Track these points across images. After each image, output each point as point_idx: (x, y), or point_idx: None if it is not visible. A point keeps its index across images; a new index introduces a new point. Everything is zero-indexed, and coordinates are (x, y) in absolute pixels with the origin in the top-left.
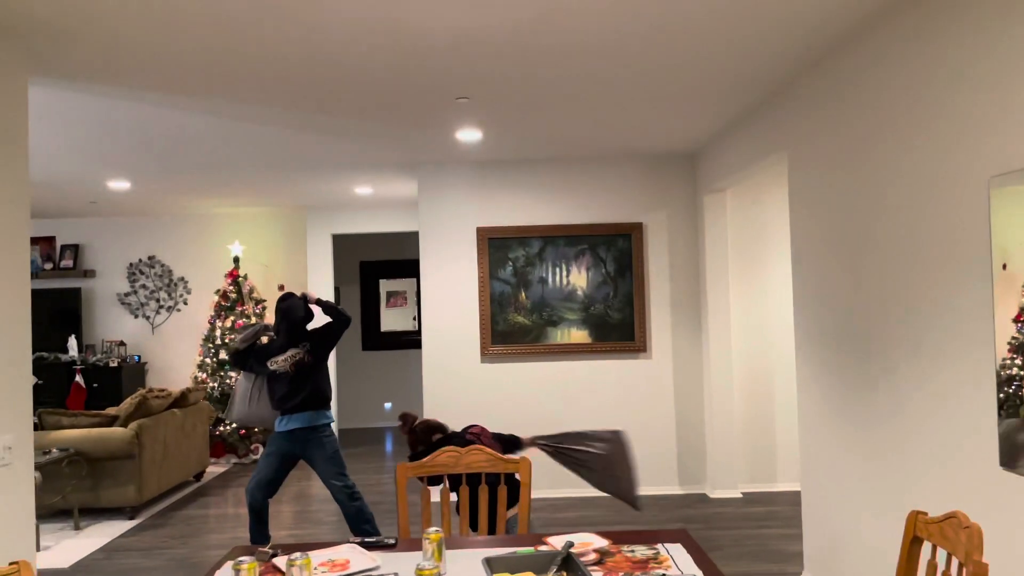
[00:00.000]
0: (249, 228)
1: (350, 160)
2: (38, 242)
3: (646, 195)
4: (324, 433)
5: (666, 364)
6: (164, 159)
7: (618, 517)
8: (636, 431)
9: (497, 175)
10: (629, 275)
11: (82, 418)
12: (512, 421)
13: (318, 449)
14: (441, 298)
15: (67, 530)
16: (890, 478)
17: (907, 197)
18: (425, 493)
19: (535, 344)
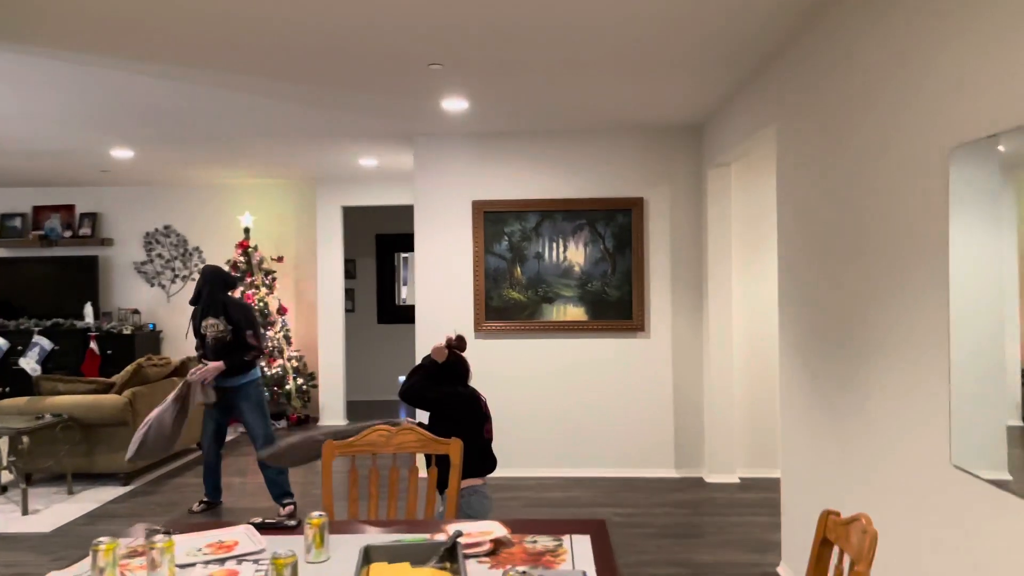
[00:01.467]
0: (260, 199)
1: (345, 131)
2: (59, 210)
3: (648, 169)
4: (251, 387)
5: (665, 344)
6: (162, 129)
7: (608, 498)
8: (633, 412)
9: (494, 147)
10: (628, 252)
11: (79, 384)
12: (505, 398)
13: (243, 400)
14: (435, 272)
15: (61, 494)
16: (855, 471)
17: (875, 177)
18: (353, 473)
19: (530, 321)
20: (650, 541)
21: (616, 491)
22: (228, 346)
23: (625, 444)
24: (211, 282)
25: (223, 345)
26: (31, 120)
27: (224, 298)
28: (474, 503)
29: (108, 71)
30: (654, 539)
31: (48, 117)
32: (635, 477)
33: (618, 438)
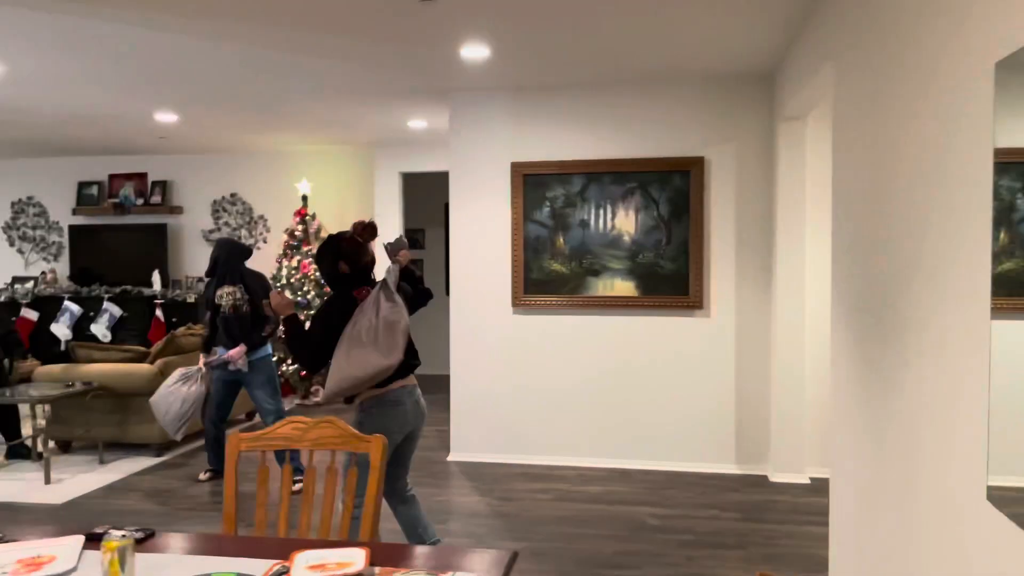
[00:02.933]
0: (319, 166)
1: (380, 88)
2: (132, 178)
3: (710, 124)
4: (262, 361)
5: (727, 323)
6: (199, 91)
7: (650, 495)
8: (688, 399)
9: (534, 104)
10: (686, 219)
11: (114, 353)
12: (545, 380)
13: (254, 374)
14: (470, 242)
15: (93, 464)
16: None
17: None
18: (263, 471)
19: (573, 295)
20: (681, 550)
21: (662, 487)
22: (244, 317)
23: (679, 435)
24: (227, 251)
25: (240, 315)
26: (71, 85)
27: (241, 267)
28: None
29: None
30: (686, 548)
31: (87, 81)
32: (688, 472)
33: (671, 428)
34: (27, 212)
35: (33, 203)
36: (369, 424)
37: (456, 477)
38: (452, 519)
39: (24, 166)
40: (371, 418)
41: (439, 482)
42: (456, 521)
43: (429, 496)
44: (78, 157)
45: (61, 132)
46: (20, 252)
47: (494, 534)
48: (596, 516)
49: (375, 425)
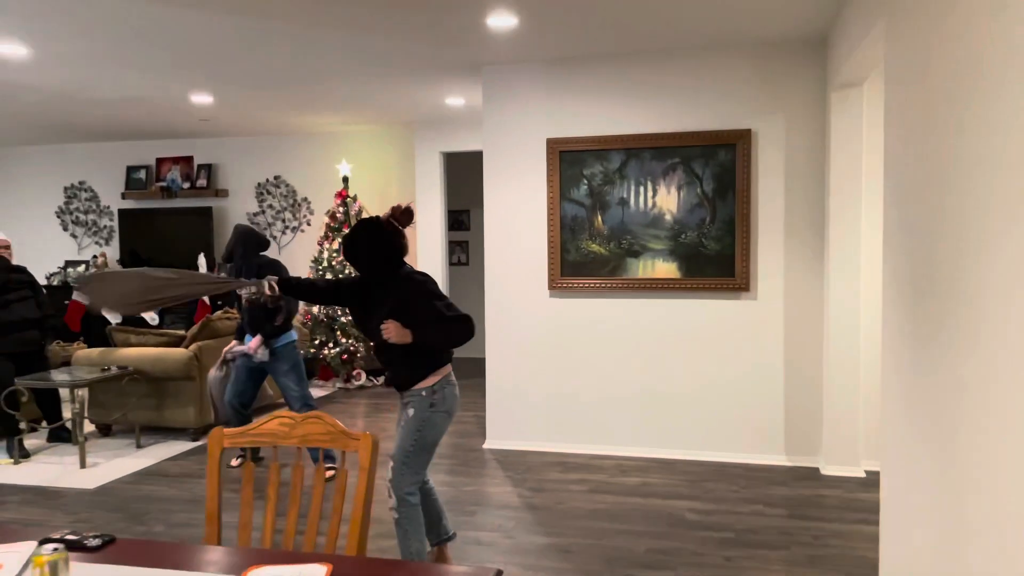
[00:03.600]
0: (361, 147)
1: (411, 62)
2: (179, 161)
3: (757, 95)
4: (287, 348)
5: (775, 307)
6: (229, 71)
7: (691, 488)
8: (734, 386)
9: (570, 76)
10: (731, 196)
11: (150, 337)
12: (583, 365)
13: (278, 362)
14: (505, 223)
15: (130, 448)
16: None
17: None
18: (248, 469)
19: (612, 277)
20: (719, 550)
21: (705, 479)
22: (262, 308)
23: (723, 423)
24: (244, 243)
25: (258, 307)
26: (98, 67)
27: (258, 259)
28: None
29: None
30: (725, 547)
31: (114, 63)
32: (733, 463)
33: (715, 416)
34: (79, 197)
35: (85, 188)
36: (442, 404)
37: (490, 465)
38: (481, 510)
39: (76, 151)
40: (444, 399)
41: (472, 470)
42: (484, 513)
43: (460, 485)
44: (127, 141)
45: (107, 116)
46: (73, 236)
47: (522, 527)
48: (631, 510)
49: (449, 404)
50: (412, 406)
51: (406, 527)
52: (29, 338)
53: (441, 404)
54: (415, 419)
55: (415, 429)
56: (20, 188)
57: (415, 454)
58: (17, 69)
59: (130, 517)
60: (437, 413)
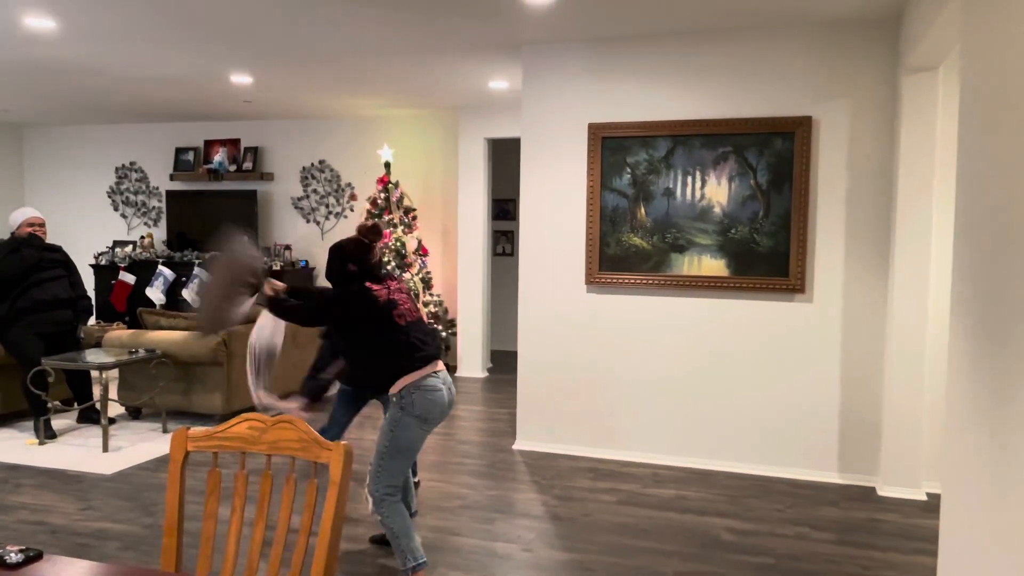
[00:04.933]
0: (403, 132)
1: (448, 41)
2: (226, 143)
3: (819, 78)
4: None
5: (833, 310)
6: (268, 47)
7: (730, 505)
8: (784, 394)
9: (615, 56)
10: (788, 189)
11: (180, 320)
12: (619, 365)
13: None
14: (542, 212)
15: (156, 432)
16: None
17: None
18: (214, 476)
19: (654, 273)
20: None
21: (746, 495)
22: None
23: (771, 434)
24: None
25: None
26: (130, 42)
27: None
28: (416, 401)
29: None
30: (762, 573)
31: (144, 38)
32: (779, 478)
33: (762, 426)
34: (129, 177)
35: (135, 168)
36: (411, 410)
37: (517, 469)
38: (501, 519)
39: (127, 132)
40: (412, 404)
41: (498, 473)
42: (504, 521)
43: (483, 489)
44: (175, 123)
45: (152, 96)
46: (123, 216)
47: (542, 540)
48: (663, 526)
49: (419, 409)
50: (388, 409)
51: (391, 526)
52: (61, 318)
53: (411, 409)
54: (388, 421)
55: (388, 431)
56: (73, 167)
57: (389, 457)
58: (49, 44)
59: (140, 507)
60: (407, 416)
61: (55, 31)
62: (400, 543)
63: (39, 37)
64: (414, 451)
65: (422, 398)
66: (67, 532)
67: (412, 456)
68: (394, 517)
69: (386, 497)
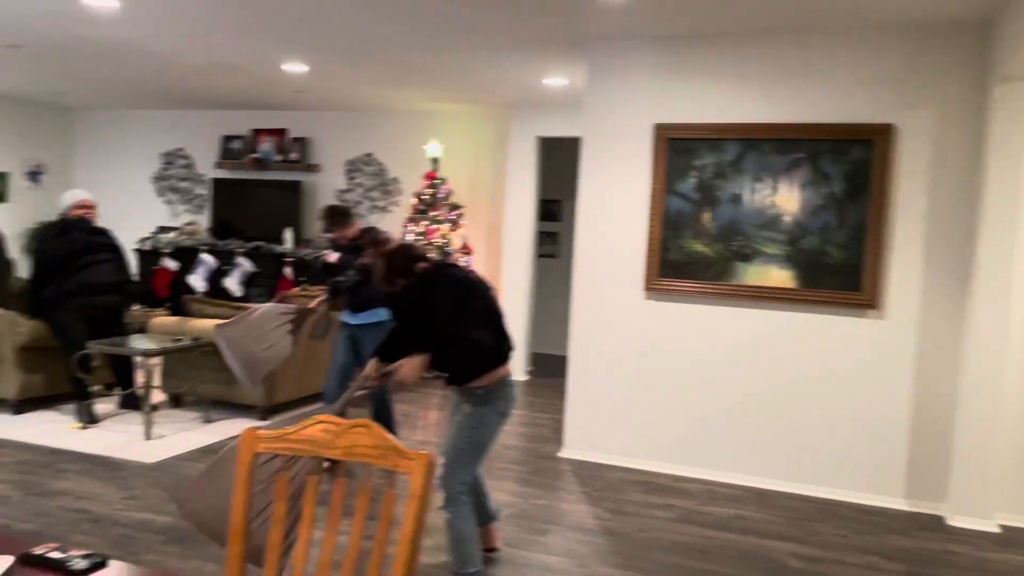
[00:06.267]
0: (452, 128)
1: (508, 36)
2: (273, 133)
3: (902, 84)
4: (379, 328)
5: (906, 329)
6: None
7: (792, 528)
8: (850, 414)
9: (685, 55)
10: (864, 199)
11: (225, 309)
12: (676, 376)
13: (367, 345)
14: (601, 214)
15: (198, 422)
16: None
17: None
18: (282, 482)
19: (717, 282)
20: None
21: (808, 519)
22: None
23: (834, 455)
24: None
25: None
26: (190, 26)
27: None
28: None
29: None
30: None
31: (206, 23)
32: (842, 502)
33: (825, 445)
34: (176, 164)
35: (182, 155)
36: (496, 405)
37: (565, 478)
38: (552, 531)
39: (175, 118)
40: (498, 399)
41: (545, 481)
42: (557, 534)
43: (530, 497)
44: (223, 111)
45: (202, 83)
46: (168, 203)
47: (597, 556)
48: (723, 547)
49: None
50: (468, 403)
51: (459, 527)
52: (108, 302)
53: (496, 404)
54: (471, 417)
55: (470, 427)
56: (121, 152)
57: (468, 452)
58: (108, 25)
59: None
60: (492, 412)
61: (117, 11)
62: (463, 548)
63: (101, 17)
64: (490, 447)
65: (508, 394)
66: (109, 522)
67: (487, 452)
68: (464, 519)
69: (459, 496)
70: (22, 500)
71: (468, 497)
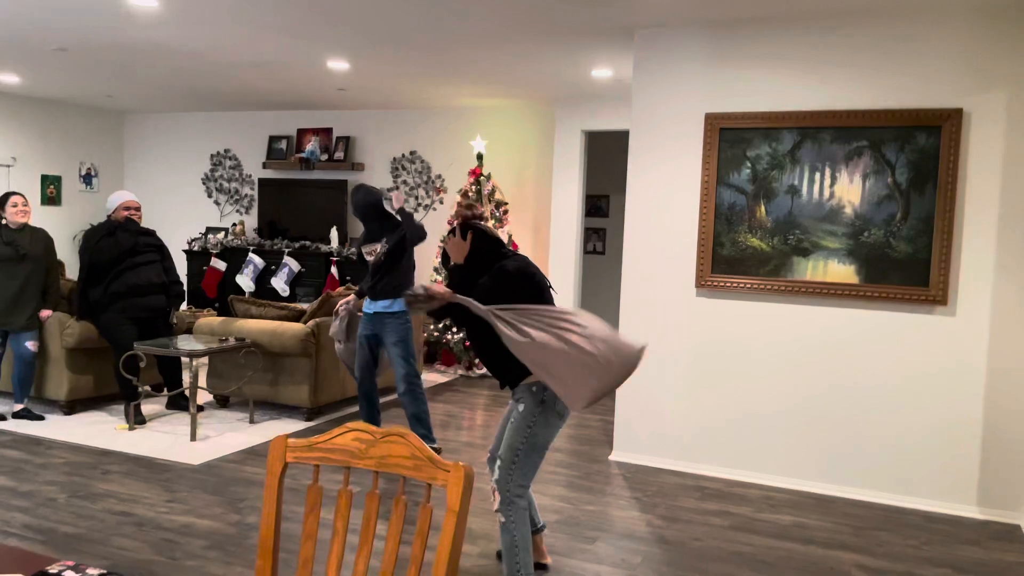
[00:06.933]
0: (498, 123)
1: (554, 26)
2: (318, 133)
3: (972, 66)
4: (397, 319)
5: (979, 325)
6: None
7: (856, 537)
8: (918, 417)
9: (737, 41)
10: (932, 189)
11: (270, 309)
12: (732, 376)
13: (388, 334)
14: (651, 208)
15: (243, 423)
16: None
17: None
18: (314, 492)
19: (774, 278)
20: None
21: (873, 527)
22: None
23: (900, 459)
24: (363, 210)
25: (381, 263)
26: (231, 24)
27: (384, 224)
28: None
29: None
30: None
31: (255, 22)
32: (909, 509)
33: (890, 449)
34: (224, 165)
35: (229, 156)
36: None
37: (616, 482)
38: (603, 538)
39: (222, 119)
40: (555, 398)
41: (595, 486)
42: (607, 541)
43: (580, 503)
44: (269, 111)
45: (247, 84)
46: (216, 203)
47: (651, 566)
48: (785, 557)
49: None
50: (522, 402)
51: (513, 532)
52: (154, 303)
53: (553, 403)
54: (525, 416)
55: (525, 426)
56: (170, 153)
57: (525, 454)
58: (148, 26)
59: (227, 502)
60: (549, 412)
61: (156, 11)
62: (518, 555)
63: (140, 18)
64: (547, 449)
65: None
66: (153, 526)
67: (544, 453)
68: (520, 525)
69: (516, 499)
70: (67, 503)
71: (526, 501)
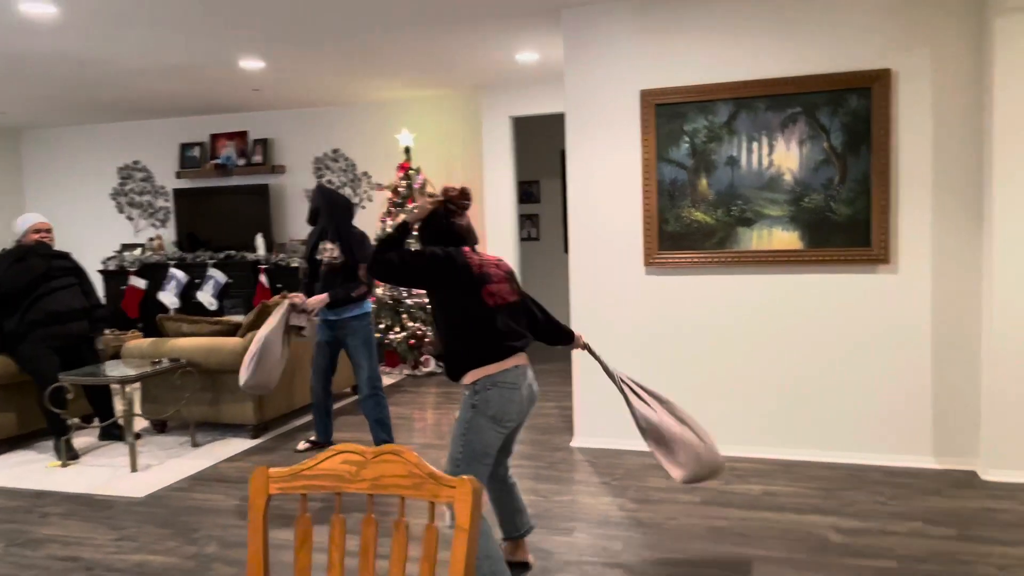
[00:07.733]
0: (423, 115)
1: (474, 7)
2: (233, 137)
3: (897, 25)
4: (361, 321)
5: (921, 281)
6: (281, 26)
7: (825, 499)
8: (870, 374)
9: (667, 15)
10: (866, 150)
11: (203, 325)
12: (687, 353)
13: (351, 336)
14: (592, 190)
15: (185, 447)
16: None
17: None
18: (304, 524)
19: (720, 250)
20: None
21: (839, 487)
22: (338, 276)
23: (857, 419)
24: (330, 205)
25: (335, 274)
26: (137, 27)
27: (345, 225)
28: (491, 399)
29: None
30: None
31: (161, 23)
32: (870, 466)
33: (847, 411)
34: (133, 177)
35: (139, 167)
36: (484, 408)
37: (582, 469)
38: (580, 527)
39: (128, 130)
40: (486, 402)
41: (562, 475)
42: (584, 531)
43: (550, 495)
44: (179, 118)
45: (155, 90)
46: (129, 219)
47: (633, 551)
48: (761, 528)
49: (494, 409)
50: (462, 404)
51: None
52: (76, 329)
53: (484, 407)
54: (459, 423)
55: (460, 434)
56: (74, 170)
57: (465, 463)
58: (49, 33)
59: (179, 534)
60: (480, 417)
61: (55, 17)
62: (482, 567)
63: (38, 25)
64: (491, 456)
65: (498, 396)
66: (104, 568)
67: (490, 461)
68: (483, 539)
69: None
70: (6, 552)
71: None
